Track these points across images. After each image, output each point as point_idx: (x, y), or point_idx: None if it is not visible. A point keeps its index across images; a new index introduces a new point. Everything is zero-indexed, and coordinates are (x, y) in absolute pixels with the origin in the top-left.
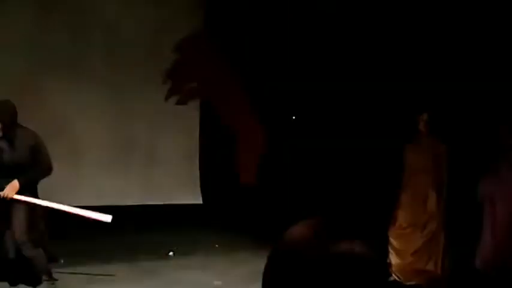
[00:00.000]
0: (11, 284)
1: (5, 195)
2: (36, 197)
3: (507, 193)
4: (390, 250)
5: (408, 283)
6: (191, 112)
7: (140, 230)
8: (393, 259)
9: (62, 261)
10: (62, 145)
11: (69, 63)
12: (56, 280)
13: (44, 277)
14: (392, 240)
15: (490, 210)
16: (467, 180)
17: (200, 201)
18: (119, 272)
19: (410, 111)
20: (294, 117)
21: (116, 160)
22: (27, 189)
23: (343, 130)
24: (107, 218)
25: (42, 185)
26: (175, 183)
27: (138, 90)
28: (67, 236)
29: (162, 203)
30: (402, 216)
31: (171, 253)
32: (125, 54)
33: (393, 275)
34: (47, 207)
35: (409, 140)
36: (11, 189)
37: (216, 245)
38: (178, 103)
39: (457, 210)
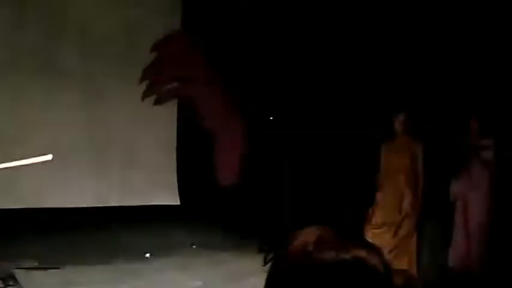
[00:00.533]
0: None
1: None
2: None
3: (478, 193)
4: None
5: None
6: (169, 112)
7: (117, 232)
8: None
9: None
10: (34, 146)
11: (43, 63)
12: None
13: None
14: (367, 239)
15: (462, 209)
16: (442, 180)
17: (178, 202)
18: (96, 274)
19: (386, 111)
20: (271, 118)
21: (92, 161)
22: None
23: (321, 129)
24: (48, 157)
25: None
26: (152, 184)
27: (114, 90)
28: (43, 237)
29: (139, 204)
30: (378, 216)
31: (147, 254)
32: (100, 54)
33: None
34: None
35: (385, 140)
36: None
37: (194, 246)
38: (155, 103)
39: (431, 210)
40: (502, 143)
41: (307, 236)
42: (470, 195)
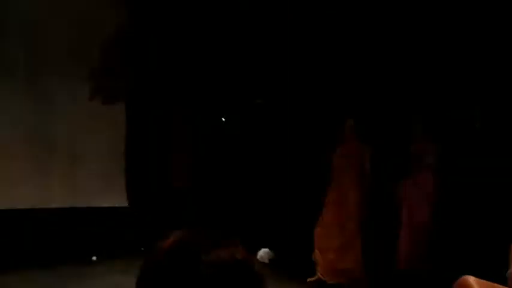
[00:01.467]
0: None
1: None
2: None
3: (421, 194)
4: (315, 249)
5: (331, 282)
6: (117, 112)
7: (63, 234)
8: (317, 257)
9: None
10: None
11: None
12: None
13: None
14: (316, 238)
15: (407, 210)
16: (388, 182)
17: (126, 204)
18: (42, 277)
19: (337, 116)
20: (223, 119)
21: (36, 161)
22: None
23: (272, 134)
24: None
25: None
26: (99, 185)
27: (60, 90)
28: None
29: (85, 205)
30: (326, 216)
31: (94, 257)
32: (46, 53)
33: (318, 273)
34: None
35: (335, 143)
36: None
37: (142, 248)
38: (104, 102)
39: (377, 210)
40: (445, 148)
41: (175, 236)
42: (414, 197)
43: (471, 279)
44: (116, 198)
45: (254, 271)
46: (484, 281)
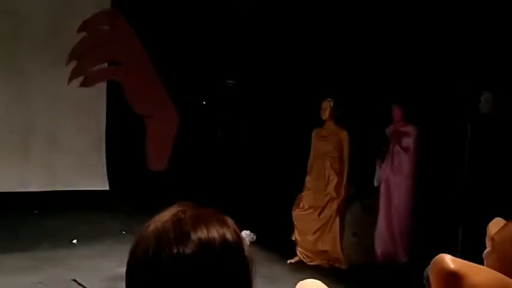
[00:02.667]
0: None
1: None
2: None
3: (399, 177)
4: (295, 230)
5: (311, 263)
6: (97, 95)
7: (43, 218)
8: (297, 238)
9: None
10: None
11: None
12: None
13: None
14: (295, 220)
15: (385, 193)
16: (366, 165)
17: (107, 187)
18: (20, 261)
19: (316, 98)
20: (204, 102)
21: (15, 145)
22: None
23: (252, 117)
24: None
25: None
26: (80, 168)
27: (38, 72)
28: None
29: (65, 189)
30: (305, 199)
31: (74, 241)
32: (24, 34)
33: (298, 254)
34: None
35: (315, 125)
36: None
37: (123, 231)
38: (82, 85)
39: (356, 193)
40: (422, 130)
41: (164, 215)
42: (392, 180)
43: (447, 257)
44: (96, 181)
45: (242, 251)
46: (461, 260)
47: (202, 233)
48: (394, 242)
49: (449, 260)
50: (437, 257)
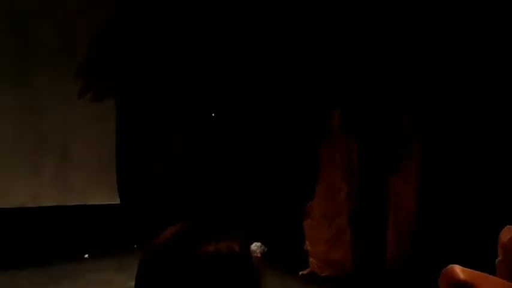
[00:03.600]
0: None
1: None
2: None
3: (408, 185)
4: (306, 240)
5: (323, 275)
6: (107, 109)
7: (54, 232)
8: (309, 248)
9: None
10: None
11: None
12: None
13: None
14: (306, 230)
15: (394, 202)
16: (376, 174)
17: (117, 201)
18: (33, 276)
19: (324, 109)
20: (213, 114)
21: (27, 160)
22: None
23: (261, 127)
24: None
25: None
26: (90, 183)
27: (50, 87)
28: None
29: (77, 203)
30: (315, 208)
31: (86, 255)
32: (35, 51)
33: (310, 265)
34: None
35: (323, 136)
36: None
37: (135, 246)
38: (93, 100)
39: (366, 203)
40: (431, 137)
41: (173, 229)
42: (401, 188)
43: (457, 268)
44: (107, 196)
45: (251, 264)
46: (471, 270)
47: (210, 247)
48: (403, 253)
49: (459, 271)
50: (447, 267)
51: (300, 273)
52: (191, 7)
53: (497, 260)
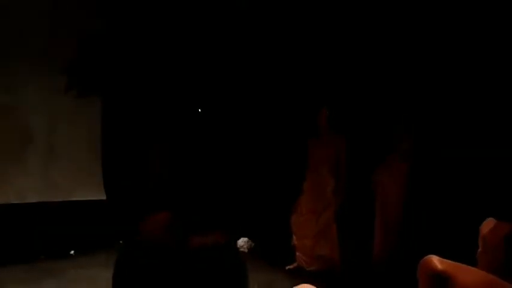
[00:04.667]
0: None
1: None
2: None
3: (396, 183)
4: (293, 235)
5: (309, 269)
6: (94, 104)
7: (40, 229)
8: (296, 242)
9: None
10: None
11: None
12: None
13: None
14: (293, 225)
15: (381, 199)
16: (363, 170)
17: (103, 197)
18: (19, 273)
19: (312, 107)
20: (200, 110)
21: (10, 156)
22: None
23: (250, 125)
24: None
25: None
26: (76, 178)
27: (33, 82)
28: None
29: (62, 199)
30: (303, 204)
31: (72, 252)
32: (20, 44)
33: (297, 260)
34: None
35: (312, 134)
36: None
37: (121, 241)
38: (79, 95)
39: (353, 199)
40: (420, 135)
41: (154, 223)
42: (388, 186)
43: (434, 259)
44: (94, 192)
45: (237, 257)
46: (449, 261)
47: (196, 241)
48: (386, 249)
49: (436, 261)
50: (424, 258)
51: (287, 267)
52: (178, 4)
53: (478, 252)
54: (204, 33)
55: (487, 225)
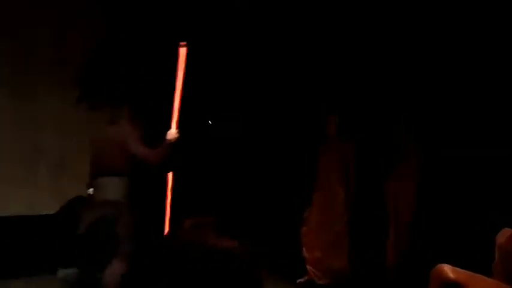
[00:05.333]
0: None
1: None
2: None
3: (405, 190)
4: (303, 247)
5: (320, 282)
6: (104, 116)
7: (51, 242)
8: (306, 255)
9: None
10: None
11: None
12: None
13: None
14: (303, 237)
15: (392, 207)
16: (373, 178)
17: None
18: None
19: (320, 115)
20: (210, 122)
21: (22, 169)
22: None
23: (257, 132)
24: None
25: None
26: (85, 191)
27: (44, 97)
28: None
29: None
30: (313, 215)
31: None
32: (29, 60)
33: (308, 273)
34: None
35: (320, 142)
36: None
37: None
38: (90, 107)
39: (364, 208)
40: (428, 140)
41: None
42: (400, 192)
43: (446, 267)
44: None
45: (251, 264)
46: (460, 269)
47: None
48: (398, 258)
49: (448, 270)
50: (436, 266)
51: (298, 281)
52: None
53: (494, 263)
54: (214, 39)
55: (504, 234)
